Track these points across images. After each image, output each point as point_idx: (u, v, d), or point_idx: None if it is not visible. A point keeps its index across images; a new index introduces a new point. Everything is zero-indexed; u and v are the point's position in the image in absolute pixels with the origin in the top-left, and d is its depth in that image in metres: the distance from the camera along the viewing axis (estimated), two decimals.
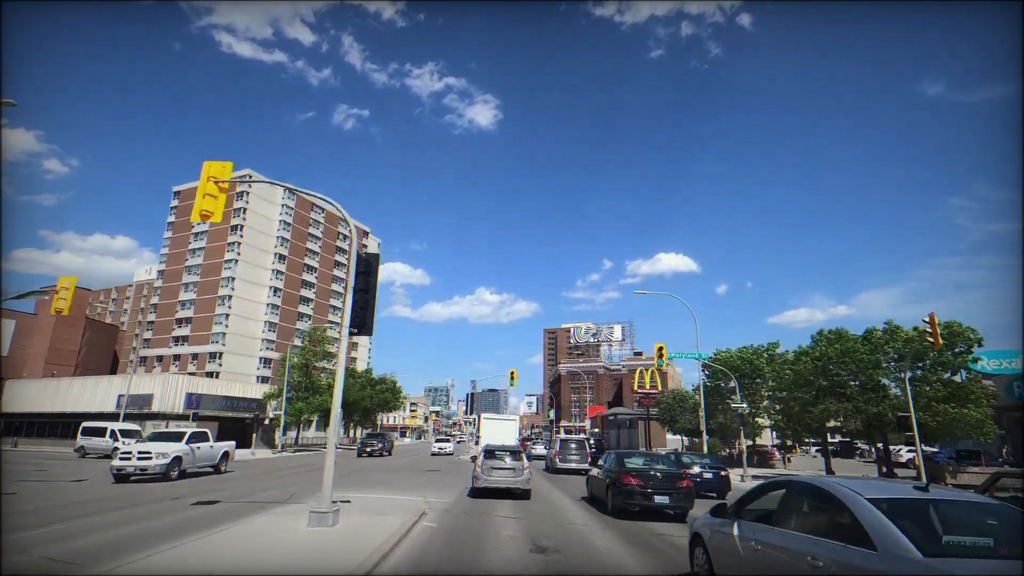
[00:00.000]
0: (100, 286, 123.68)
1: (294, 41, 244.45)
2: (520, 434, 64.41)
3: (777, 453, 43.62)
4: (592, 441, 37.21)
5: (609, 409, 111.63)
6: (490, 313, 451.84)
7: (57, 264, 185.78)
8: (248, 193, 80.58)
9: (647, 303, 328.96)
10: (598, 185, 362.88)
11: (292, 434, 76.86)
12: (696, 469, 18.34)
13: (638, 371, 71.55)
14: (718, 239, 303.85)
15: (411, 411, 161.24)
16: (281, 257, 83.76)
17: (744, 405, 28.50)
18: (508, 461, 15.45)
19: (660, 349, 28.97)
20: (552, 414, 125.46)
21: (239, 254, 77.90)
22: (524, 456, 16.23)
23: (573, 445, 28.12)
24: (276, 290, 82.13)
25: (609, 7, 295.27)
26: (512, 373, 40.93)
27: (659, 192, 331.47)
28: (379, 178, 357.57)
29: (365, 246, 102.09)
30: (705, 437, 31.96)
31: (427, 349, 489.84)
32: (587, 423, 79.88)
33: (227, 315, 75.51)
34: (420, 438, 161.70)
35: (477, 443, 49.49)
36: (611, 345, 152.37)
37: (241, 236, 78.60)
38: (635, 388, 70.58)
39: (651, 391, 70.92)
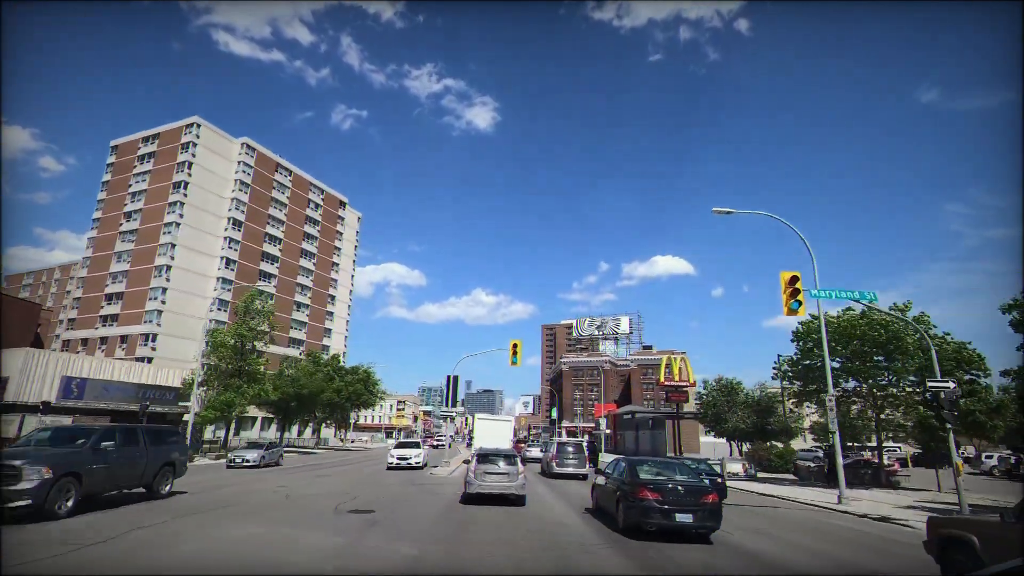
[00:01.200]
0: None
1: (292, 41, 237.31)
2: (515, 435, 54.38)
3: (900, 467, 30.63)
4: (585, 443, 33.53)
5: (619, 408, 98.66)
6: (486, 314, 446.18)
7: (52, 262, 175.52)
8: (195, 145, 67.15)
9: (649, 299, 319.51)
10: (595, 188, 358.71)
11: (240, 433, 63.41)
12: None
13: (665, 358, 58.66)
14: (714, 242, 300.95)
15: (398, 409, 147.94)
16: (236, 223, 70.31)
17: (949, 384, 15.44)
18: (502, 466, 14.55)
19: (793, 279, 15.94)
20: (554, 413, 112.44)
21: (182, 216, 64.41)
22: (519, 461, 15.02)
23: (570, 448, 26.72)
24: (229, 262, 68.68)
25: (608, 11, 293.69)
26: (515, 346, 28.00)
27: (656, 195, 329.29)
28: (377, 177, 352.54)
29: (342, 217, 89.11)
30: (838, 439, 19.02)
31: (423, 350, 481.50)
32: (602, 421, 66.78)
33: (164, 289, 61.99)
34: (409, 439, 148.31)
35: (469, 445, 43.03)
36: (617, 339, 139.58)
37: (185, 195, 65.12)
38: (661, 380, 57.70)
39: (681, 383, 58.11)
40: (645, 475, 11.38)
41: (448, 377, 28.36)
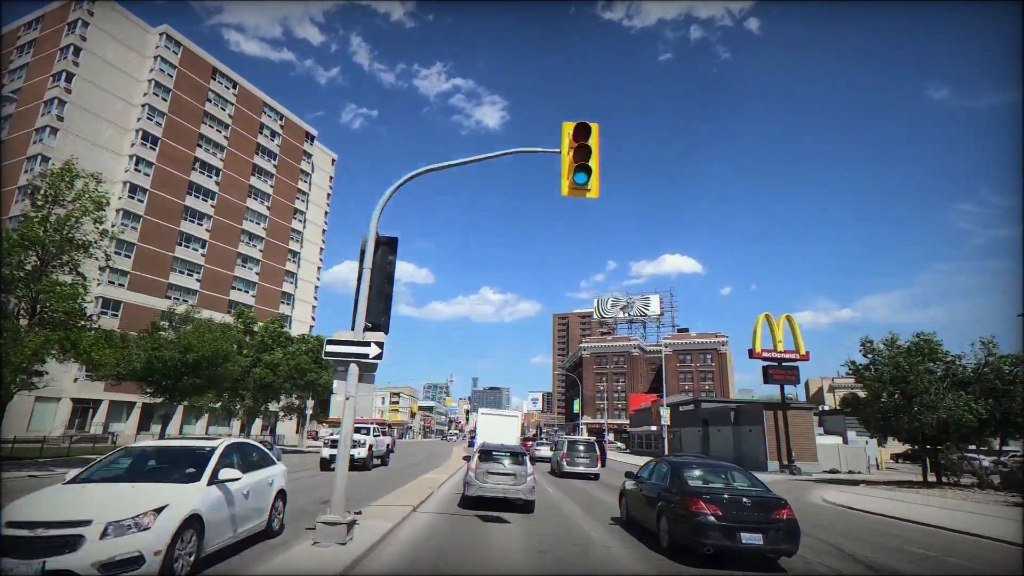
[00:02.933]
0: None
1: (303, 41, 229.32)
2: (523, 433, 47.50)
3: None
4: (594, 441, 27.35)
5: (665, 400, 78.70)
6: (493, 312, 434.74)
7: None
8: (86, 25, 48.08)
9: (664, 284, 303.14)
10: (604, 186, 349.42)
11: (148, 431, 44.31)
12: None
13: (761, 318, 38.87)
14: (723, 241, 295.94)
15: (391, 403, 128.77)
16: (150, 139, 51.22)
17: None
18: (507, 465, 12.65)
19: None
20: (576, 406, 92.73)
21: (61, 119, 45.40)
22: (527, 460, 13.03)
23: (581, 447, 24.97)
24: (136, 188, 49.60)
25: (618, 11, 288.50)
26: (584, 129, 8.32)
27: (665, 194, 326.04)
28: (385, 175, 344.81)
29: (309, 154, 69.78)
30: None
31: (429, 348, 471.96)
32: (663, 412, 46.96)
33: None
34: (403, 437, 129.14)
35: (471, 445, 38.53)
36: (646, 322, 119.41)
37: (68, 90, 46.11)
38: (756, 351, 37.97)
39: (787, 356, 38.55)
40: (695, 482, 9.09)
41: (373, 232, 8.67)
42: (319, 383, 42.58)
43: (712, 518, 7.99)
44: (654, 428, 60.38)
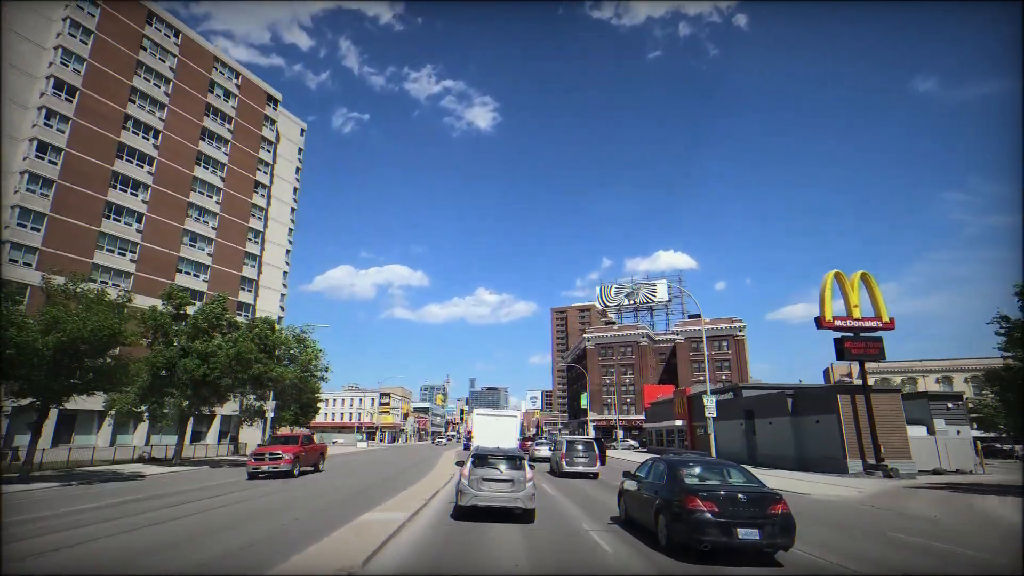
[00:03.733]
0: None
1: (291, 46, 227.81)
2: (522, 433, 44.64)
3: None
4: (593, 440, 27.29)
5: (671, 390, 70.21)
6: (489, 313, 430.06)
7: None
8: None
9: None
10: (597, 185, 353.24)
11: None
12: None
13: (829, 278, 30.29)
14: (716, 236, 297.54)
15: (382, 404, 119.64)
16: (66, 89, 42.19)
17: None
18: (504, 470, 11.43)
19: None
20: (584, 400, 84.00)
21: None
22: (526, 464, 11.80)
23: (580, 446, 24.65)
24: (47, 148, 40.60)
25: (607, 9, 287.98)
26: None
27: (659, 191, 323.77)
28: (378, 179, 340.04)
29: (272, 120, 60.91)
30: None
31: (426, 351, 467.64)
32: (707, 401, 37.93)
33: None
34: (396, 440, 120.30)
35: (467, 447, 36.59)
36: (653, 309, 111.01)
37: None
38: (826, 319, 29.37)
39: (867, 323, 30.02)
40: (692, 479, 9.16)
41: None
42: (269, 376, 33.73)
43: (709, 515, 7.96)
44: (679, 423, 51.91)
